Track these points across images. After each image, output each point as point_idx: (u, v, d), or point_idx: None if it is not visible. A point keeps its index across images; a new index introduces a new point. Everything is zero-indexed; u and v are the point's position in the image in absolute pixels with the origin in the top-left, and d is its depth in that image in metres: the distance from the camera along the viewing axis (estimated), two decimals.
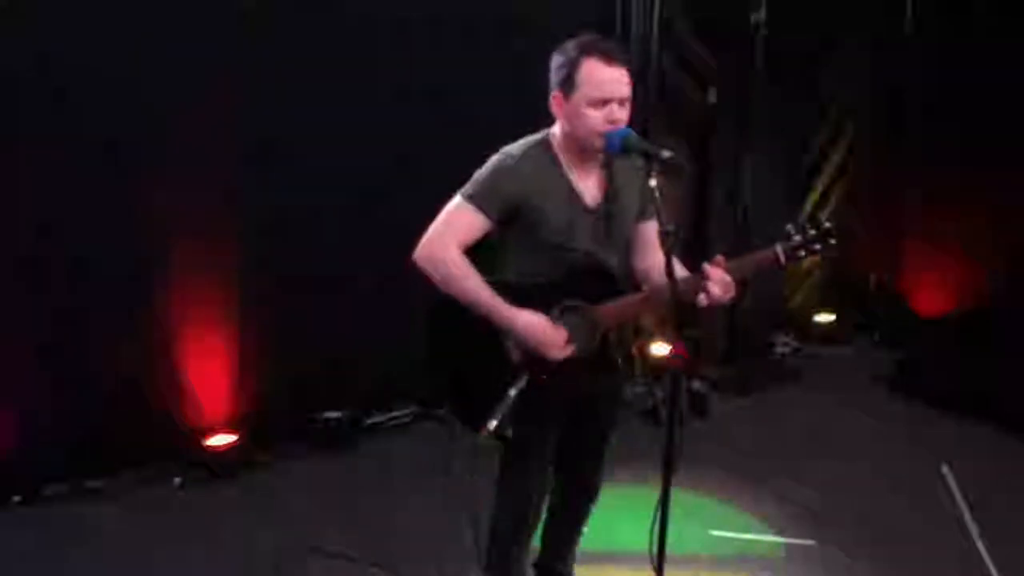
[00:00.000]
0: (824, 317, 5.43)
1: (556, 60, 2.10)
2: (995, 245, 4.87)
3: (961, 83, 4.84)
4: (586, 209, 2.17)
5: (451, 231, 2.12)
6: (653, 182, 1.93)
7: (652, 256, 2.24)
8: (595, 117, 2.03)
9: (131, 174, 3.32)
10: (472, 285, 2.10)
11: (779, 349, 5.18)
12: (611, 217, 2.20)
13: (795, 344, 5.26)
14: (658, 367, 4.42)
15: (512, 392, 2.10)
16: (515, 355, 2.16)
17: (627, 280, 2.27)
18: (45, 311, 3.26)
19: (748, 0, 4.53)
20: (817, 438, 4.08)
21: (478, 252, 2.17)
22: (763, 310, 5.02)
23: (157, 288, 3.46)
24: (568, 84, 2.06)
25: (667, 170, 1.94)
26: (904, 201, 5.36)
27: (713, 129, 4.64)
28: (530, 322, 2.09)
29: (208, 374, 3.64)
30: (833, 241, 2.09)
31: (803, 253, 2.09)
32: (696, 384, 4.39)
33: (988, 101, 4.70)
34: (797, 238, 2.09)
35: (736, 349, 4.92)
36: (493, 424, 2.09)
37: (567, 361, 2.14)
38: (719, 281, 2.03)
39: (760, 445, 4.00)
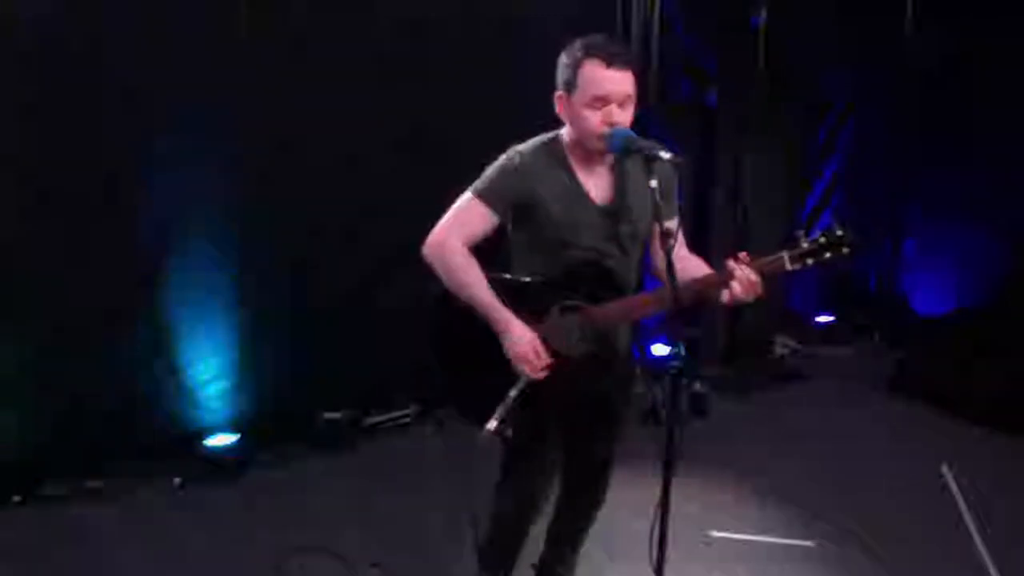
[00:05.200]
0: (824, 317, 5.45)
1: (562, 60, 2.10)
2: (995, 245, 4.88)
3: (961, 83, 4.85)
4: (595, 208, 2.17)
5: (458, 225, 2.14)
6: (654, 182, 1.93)
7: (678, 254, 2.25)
8: (593, 118, 2.04)
9: (131, 172, 3.32)
10: (474, 281, 2.11)
11: (779, 349, 5.17)
12: (620, 217, 2.19)
13: (795, 344, 5.25)
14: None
15: (512, 393, 2.10)
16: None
17: (632, 280, 2.26)
18: (45, 310, 3.27)
19: (748, 0, 4.53)
20: (817, 438, 4.08)
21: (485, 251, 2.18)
22: (763, 310, 5.02)
23: (157, 288, 3.47)
24: (570, 84, 2.07)
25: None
26: (904, 201, 5.37)
27: (713, 129, 4.64)
28: (522, 335, 2.10)
29: (208, 374, 3.64)
30: (846, 250, 2.00)
31: (811, 260, 2.02)
32: (696, 384, 4.38)
33: (988, 101, 4.71)
34: (805, 245, 2.02)
35: (736, 349, 4.92)
36: (493, 424, 2.08)
37: (569, 361, 2.14)
38: (742, 279, 2.00)
39: (760, 445, 3.99)
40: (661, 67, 4.36)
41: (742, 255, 2.03)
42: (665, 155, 1.92)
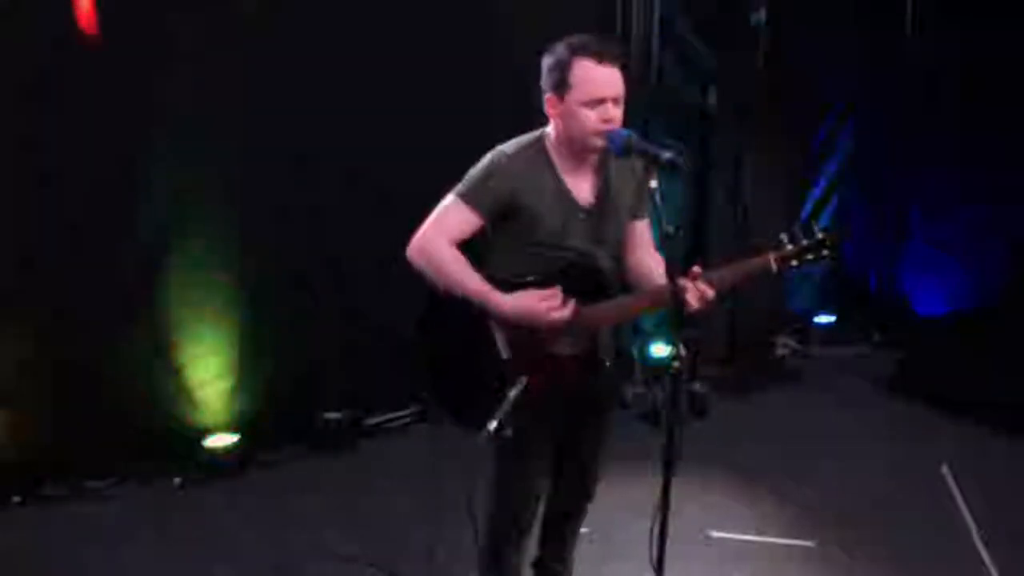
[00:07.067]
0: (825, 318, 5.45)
1: (547, 62, 2.09)
2: (995, 245, 4.88)
3: (961, 83, 4.85)
4: (580, 209, 2.16)
5: (443, 228, 2.13)
6: (655, 183, 1.93)
7: (640, 254, 2.27)
8: (590, 117, 2.03)
9: (131, 172, 3.32)
10: (465, 275, 2.11)
11: (779, 350, 5.18)
12: (605, 217, 2.19)
13: (795, 344, 5.26)
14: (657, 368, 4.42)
15: (512, 393, 2.10)
16: (505, 352, 2.16)
17: (618, 281, 2.26)
18: (45, 311, 3.27)
19: (748, 0, 4.53)
20: (817, 438, 4.08)
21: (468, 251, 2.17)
22: (763, 310, 5.02)
23: (157, 288, 3.47)
24: (561, 85, 2.05)
25: (668, 171, 1.93)
26: (904, 201, 5.37)
27: (713, 129, 4.64)
28: (521, 298, 2.09)
29: (208, 374, 3.65)
30: (826, 252, 2.02)
31: (796, 262, 2.03)
32: (696, 384, 4.38)
33: (988, 101, 4.71)
34: (790, 247, 2.03)
35: (736, 349, 4.92)
36: (493, 425, 2.08)
37: (559, 360, 2.14)
38: (695, 294, 1.98)
39: (760, 445, 4.00)
40: (661, 67, 4.36)
41: (695, 270, 2.00)
42: (666, 156, 1.91)
